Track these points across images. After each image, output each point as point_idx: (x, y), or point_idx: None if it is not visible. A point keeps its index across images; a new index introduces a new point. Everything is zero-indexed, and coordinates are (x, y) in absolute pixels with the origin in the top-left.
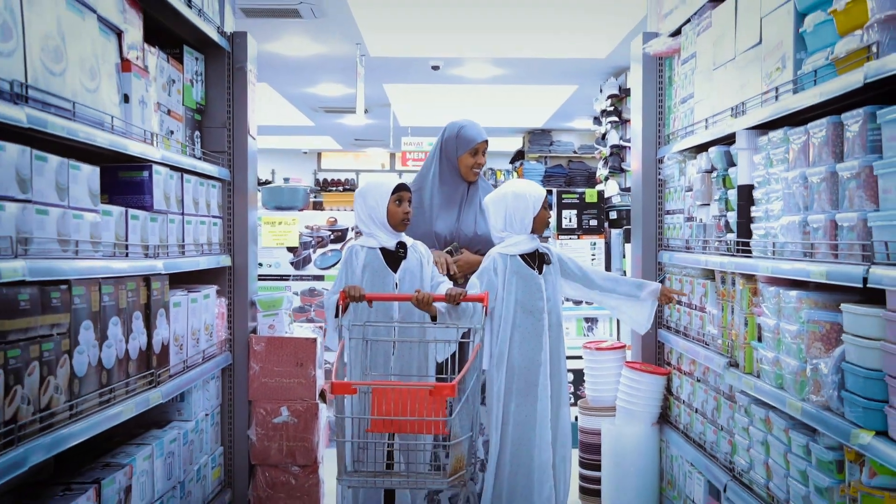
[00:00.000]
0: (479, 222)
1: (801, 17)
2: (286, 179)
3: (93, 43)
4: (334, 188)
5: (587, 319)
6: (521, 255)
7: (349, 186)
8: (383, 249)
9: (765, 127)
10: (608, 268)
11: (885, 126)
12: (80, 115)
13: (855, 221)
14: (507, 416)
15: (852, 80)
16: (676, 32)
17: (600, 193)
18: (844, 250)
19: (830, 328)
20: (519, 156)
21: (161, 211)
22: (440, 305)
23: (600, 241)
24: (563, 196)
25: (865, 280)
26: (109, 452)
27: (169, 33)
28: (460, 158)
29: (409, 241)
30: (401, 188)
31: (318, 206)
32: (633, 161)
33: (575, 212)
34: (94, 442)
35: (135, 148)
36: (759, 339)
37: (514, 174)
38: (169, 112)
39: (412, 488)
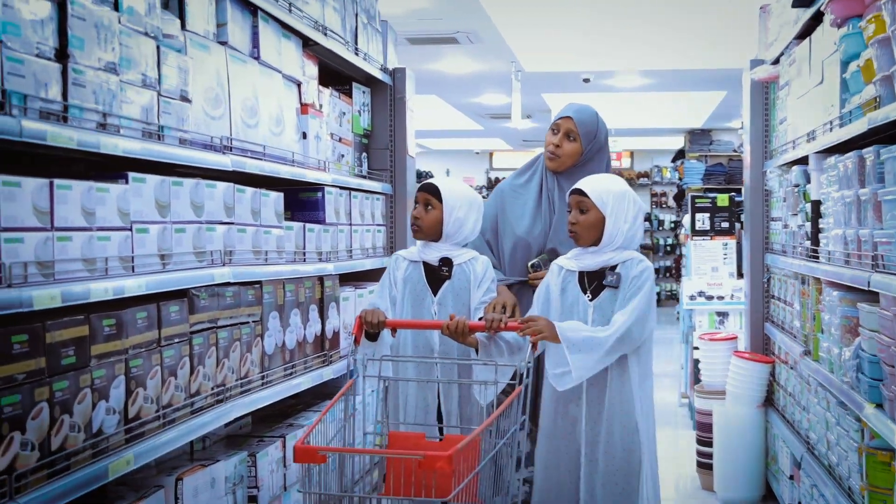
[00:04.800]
0: None
1: (844, 64)
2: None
3: (278, 97)
4: None
5: (719, 313)
6: (581, 273)
7: None
8: (426, 263)
9: (828, 151)
10: (739, 268)
11: (887, 162)
12: (268, 155)
13: (867, 237)
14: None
15: (860, 125)
16: (776, 61)
17: (731, 197)
18: (864, 259)
19: (855, 322)
20: (680, 154)
21: (332, 223)
22: (482, 336)
23: (731, 242)
24: (697, 200)
25: (869, 283)
26: (293, 416)
27: (340, 73)
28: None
29: (463, 255)
30: (419, 189)
31: None
32: (745, 172)
33: (708, 215)
34: (280, 407)
35: (310, 175)
36: (822, 332)
37: (676, 173)
38: (340, 139)
39: None
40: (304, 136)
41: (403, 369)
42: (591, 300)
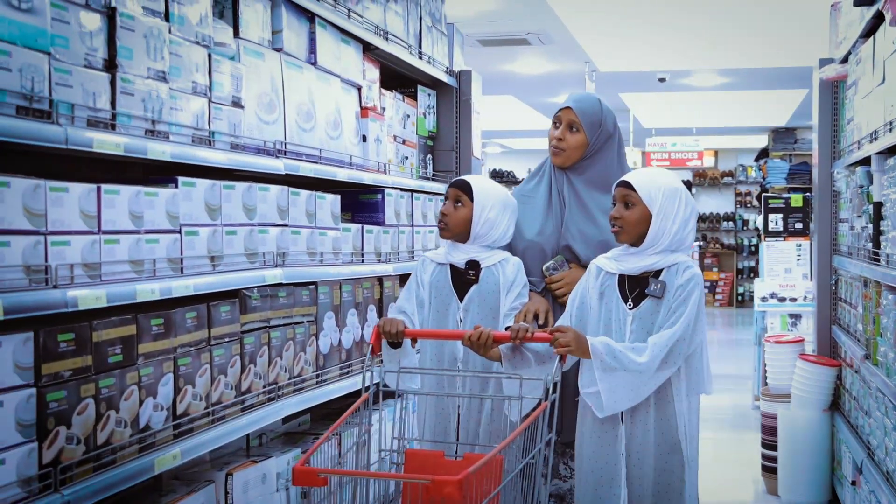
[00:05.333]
0: (598, 219)
1: None
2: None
3: (336, 101)
4: None
5: (791, 315)
6: (622, 276)
7: None
8: (453, 266)
9: (889, 152)
10: (811, 268)
11: None
12: (324, 158)
13: None
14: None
15: None
16: (845, 59)
17: (805, 198)
18: None
19: None
20: (763, 153)
21: (392, 225)
22: (506, 347)
23: (805, 243)
24: (770, 200)
25: None
26: (353, 414)
27: (405, 76)
28: None
29: (492, 257)
30: (450, 185)
31: None
32: (814, 172)
33: (781, 215)
34: (341, 405)
35: (369, 177)
36: (880, 335)
37: (760, 172)
38: (404, 142)
39: None
40: (364, 138)
41: (425, 382)
42: (631, 309)
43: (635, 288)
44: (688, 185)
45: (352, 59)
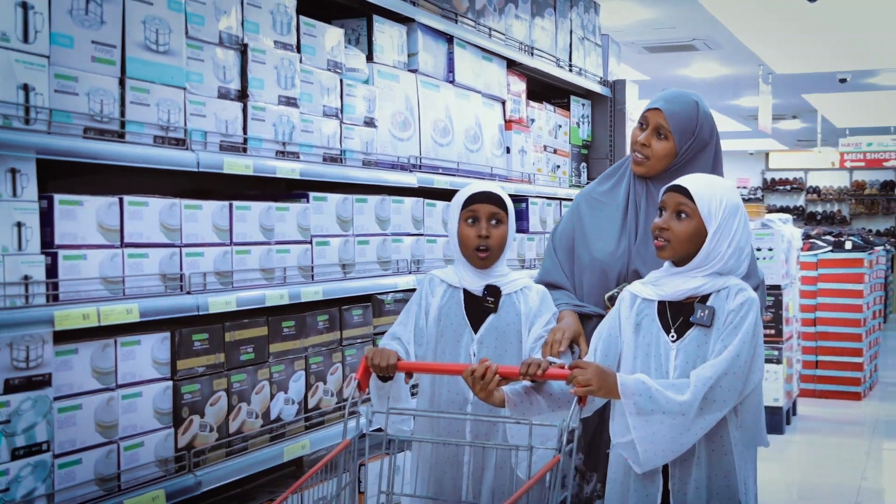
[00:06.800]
0: None
1: None
2: None
3: (476, 115)
4: (781, 188)
5: None
6: (662, 303)
7: (796, 185)
8: (466, 291)
9: None
10: None
11: None
12: (462, 170)
13: None
14: None
15: None
16: None
17: None
18: None
19: None
20: None
21: (537, 232)
22: (511, 390)
23: None
24: None
25: None
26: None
27: (559, 87)
28: None
29: (514, 282)
30: (476, 199)
31: None
32: None
33: None
34: None
35: (512, 188)
36: None
37: None
38: (555, 151)
39: None
40: (508, 150)
41: (420, 425)
42: (674, 341)
43: (679, 316)
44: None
45: (494, 74)
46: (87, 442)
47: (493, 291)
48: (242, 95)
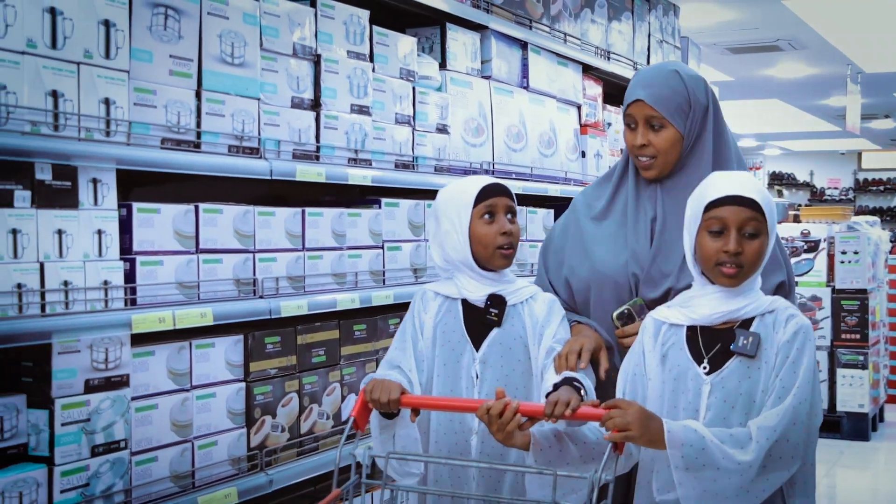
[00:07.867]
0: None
1: None
2: None
3: (550, 120)
4: (874, 188)
5: None
6: (692, 328)
7: (890, 186)
8: (466, 303)
9: None
10: None
11: None
12: (535, 175)
13: None
14: None
15: None
16: None
17: None
18: None
19: None
20: None
21: None
22: (540, 434)
23: None
24: None
25: None
26: None
27: None
28: None
29: (520, 291)
30: (491, 192)
31: (796, 219)
32: None
33: None
34: None
35: None
36: None
37: None
38: None
39: None
40: (583, 154)
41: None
42: (707, 374)
43: (714, 344)
44: None
45: (569, 79)
46: (163, 440)
47: (497, 301)
48: (315, 105)
